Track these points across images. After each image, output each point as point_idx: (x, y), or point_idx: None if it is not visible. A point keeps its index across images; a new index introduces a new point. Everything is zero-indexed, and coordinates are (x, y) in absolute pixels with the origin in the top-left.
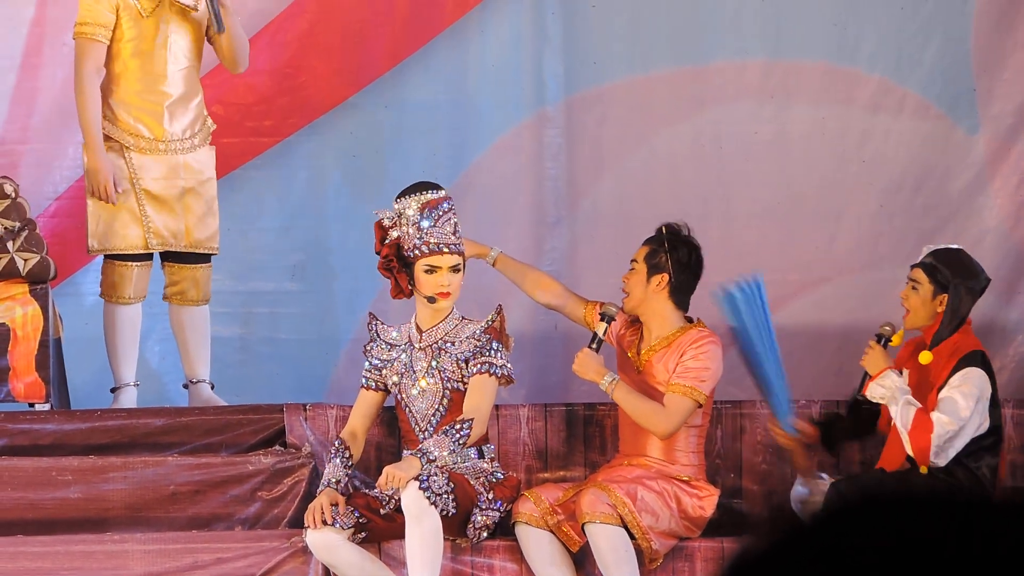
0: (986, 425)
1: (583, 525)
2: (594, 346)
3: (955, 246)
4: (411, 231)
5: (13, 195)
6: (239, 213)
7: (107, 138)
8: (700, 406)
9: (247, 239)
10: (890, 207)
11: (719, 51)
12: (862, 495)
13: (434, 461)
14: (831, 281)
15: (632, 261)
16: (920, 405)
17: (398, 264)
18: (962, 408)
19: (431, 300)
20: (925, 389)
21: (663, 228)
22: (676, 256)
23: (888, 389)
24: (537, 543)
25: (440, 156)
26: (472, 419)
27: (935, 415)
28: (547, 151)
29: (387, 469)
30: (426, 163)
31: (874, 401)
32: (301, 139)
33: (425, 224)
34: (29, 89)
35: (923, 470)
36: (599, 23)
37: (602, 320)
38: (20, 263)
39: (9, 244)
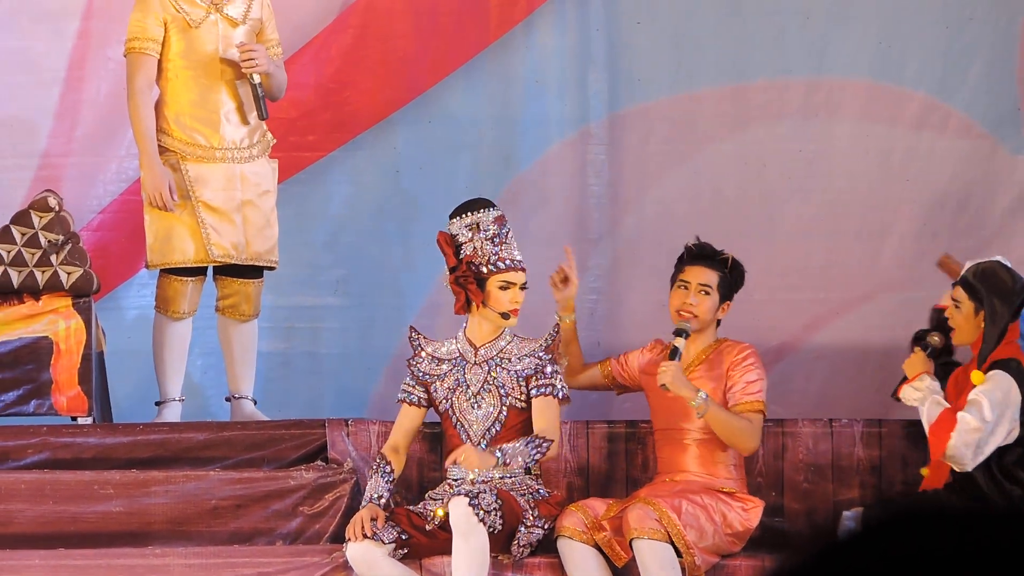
0: (1016, 433)
1: (631, 540)
2: (677, 360)
3: (995, 258)
4: (487, 246)
5: (57, 208)
6: (282, 228)
7: (163, 150)
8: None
9: (290, 254)
10: (933, 226)
11: (763, 69)
12: (895, 512)
13: (508, 464)
14: (873, 299)
15: (704, 286)
16: (948, 406)
17: (474, 279)
18: (986, 409)
19: (505, 316)
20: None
21: (726, 255)
22: (740, 283)
23: (920, 391)
24: (579, 558)
25: (483, 172)
26: (553, 440)
27: (960, 414)
28: (590, 167)
29: (466, 447)
30: (469, 179)
31: (908, 404)
32: (344, 154)
33: (500, 239)
34: (73, 103)
35: (927, 468)
36: (643, 40)
37: (679, 336)
38: (63, 276)
39: (52, 257)
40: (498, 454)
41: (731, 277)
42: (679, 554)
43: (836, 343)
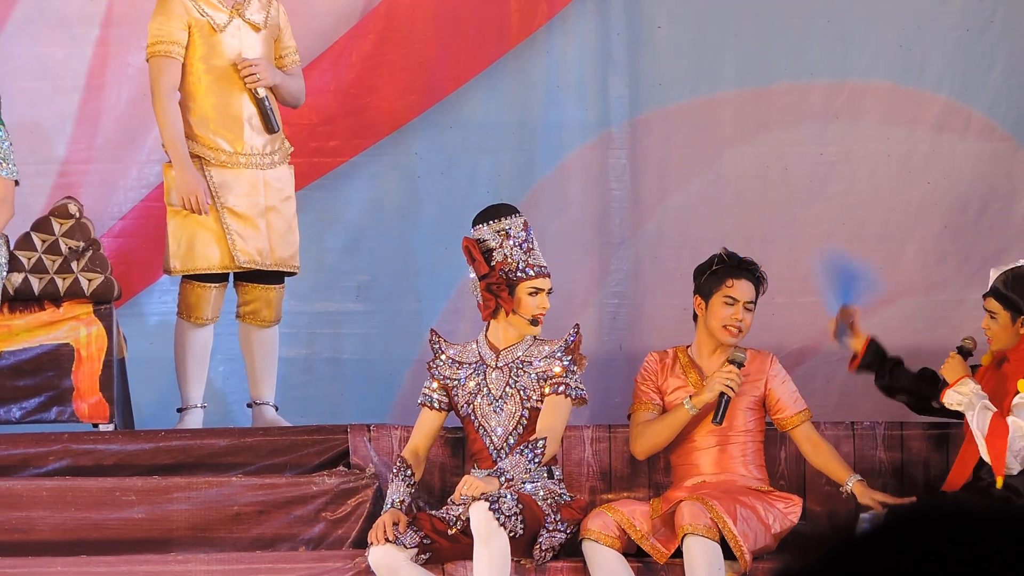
0: None
1: (683, 536)
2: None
3: (1020, 263)
4: (516, 253)
5: (77, 215)
6: (304, 233)
7: (188, 154)
8: None
9: (312, 259)
10: (954, 228)
11: (784, 72)
12: (913, 512)
13: (511, 481)
14: (895, 302)
15: (750, 303)
16: (996, 410)
17: (506, 285)
18: None
19: (534, 322)
20: (1000, 399)
21: (758, 266)
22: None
23: (965, 395)
24: (604, 561)
25: (505, 177)
26: (546, 438)
27: (1011, 419)
28: (612, 172)
29: (467, 478)
30: (490, 184)
31: (951, 408)
32: (366, 159)
33: (528, 245)
34: (93, 109)
35: (999, 481)
36: (664, 44)
37: (736, 365)
38: (84, 283)
39: (73, 264)
40: (500, 477)
41: (760, 290)
42: (727, 556)
43: None
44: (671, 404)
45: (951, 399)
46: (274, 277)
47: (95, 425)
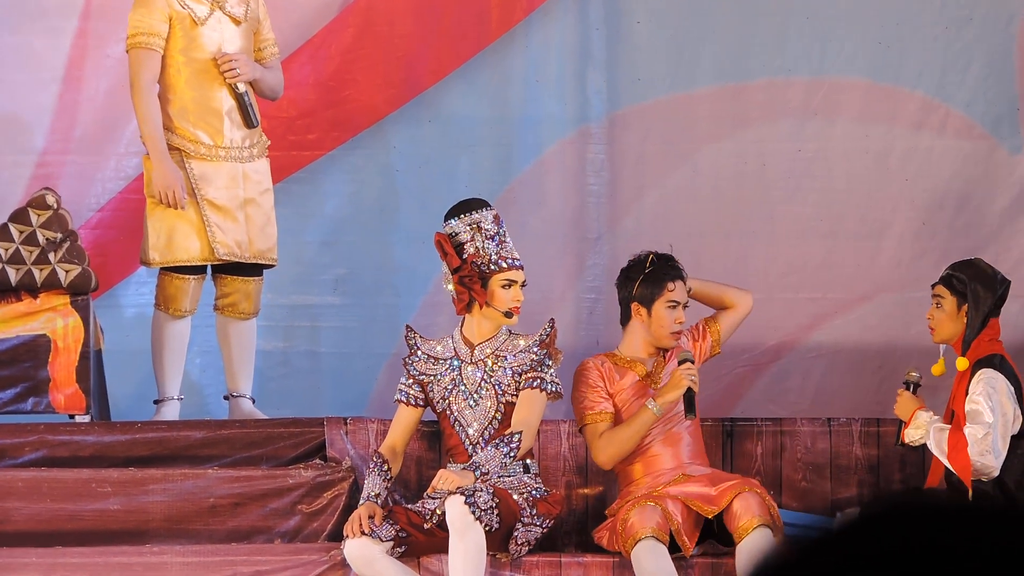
0: (1020, 420)
1: (753, 528)
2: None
3: (972, 258)
4: (488, 245)
5: (55, 206)
6: (282, 226)
7: (168, 147)
8: None
9: (289, 252)
10: (932, 226)
11: (763, 68)
12: (888, 507)
13: (487, 475)
14: (872, 299)
15: (685, 303)
16: (948, 427)
17: (479, 279)
18: (985, 412)
19: (508, 315)
20: (962, 398)
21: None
22: None
23: (922, 428)
24: (666, 561)
25: (483, 171)
26: (521, 432)
27: (966, 429)
28: (590, 167)
29: (442, 472)
30: (469, 178)
31: (916, 445)
32: (343, 153)
33: (500, 238)
34: (71, 101)
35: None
36: (643, 40)
37: (690, 362)
38: (61, 274)
39: (51, 255)
40: (475, 470)
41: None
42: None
43: (834, 342)
44: (625, 407)
45: (911, 436)
46: (252, 269)
47: (71, 416)
